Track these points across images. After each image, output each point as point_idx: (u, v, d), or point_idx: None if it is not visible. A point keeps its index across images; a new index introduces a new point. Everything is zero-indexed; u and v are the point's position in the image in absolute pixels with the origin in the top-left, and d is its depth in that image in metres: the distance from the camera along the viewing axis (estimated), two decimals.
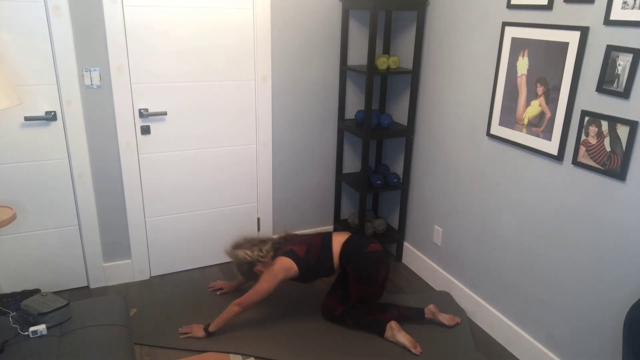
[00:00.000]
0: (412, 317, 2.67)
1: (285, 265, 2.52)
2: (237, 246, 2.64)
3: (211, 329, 2.53)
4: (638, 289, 1.92)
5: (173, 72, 2.83)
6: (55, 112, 2.65)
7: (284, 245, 2.63)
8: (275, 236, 2.74)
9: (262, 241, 2.65)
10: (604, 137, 1.95)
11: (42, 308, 1.90)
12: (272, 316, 2.75)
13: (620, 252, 1.96)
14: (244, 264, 2.59)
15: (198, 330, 2.56)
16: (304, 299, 2.91)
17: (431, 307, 2.69)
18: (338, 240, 2.62)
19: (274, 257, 2.57)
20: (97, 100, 2.72)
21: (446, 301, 2.92)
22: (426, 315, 2.68)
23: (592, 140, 2.00)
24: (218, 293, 2.94)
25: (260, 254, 2.55)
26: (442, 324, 2.67)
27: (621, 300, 1.98)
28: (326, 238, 2.64)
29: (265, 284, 2.49)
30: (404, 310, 2.68)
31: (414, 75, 3.01)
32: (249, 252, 2.56)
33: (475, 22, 2.56)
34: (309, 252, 2.57)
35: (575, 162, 2.09)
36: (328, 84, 3.25)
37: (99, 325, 1.93)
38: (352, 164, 3.51)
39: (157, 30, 2.73)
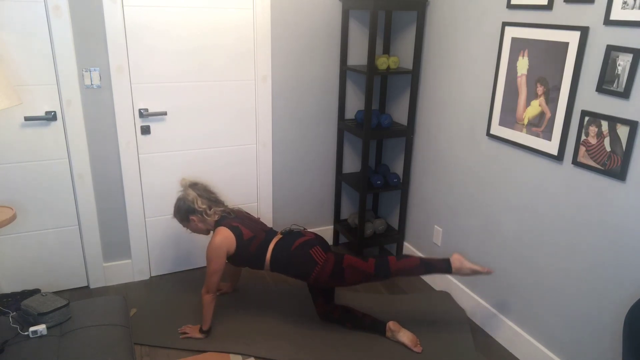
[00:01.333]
0: (438, 267, 2.45)
1: (227, 239, 2.41)
2: (194, 186, 2.54)
3: (204, 327, 2.53)
4: (638, 289, 1.92)
5: (173, 72, 2.83)
6: (55, 112, 2.65)
7: (232, 218, 2.51)
8: (231, 206, 2.63)
9: (218, 202, 2.57)
10: (604, 137, 1.95)
11: (42, 308, 1.90)
12: (272, 316, 2.75)
13: (620, 252, 1.96)
14: (186, 205, 2.49)
15: (195, 331, 2.56)
16: (305, 299, 2.91)
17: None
18: (272, 245, 2.50)
19: (217, 224, 2.48)
20: (97, 100, 2.72)
21: (446, 301, 2.92)
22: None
23: (592, 140, 2.00)
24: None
25: (208, 210, 2.47)
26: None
27: (621, 300, 1.98)
28: (269, 237, 2.53)
29: (214, 263, 2.40)
30: (428, 260, 2.47)
31: (414, 75, 3.01)
32: (199, 201, 2.47)
33: (475, 22, 2.56)
34: (252, 240, 2.47)
35: (575, 162, 2.09)
36: (328, 84, 3.25)
37: (99, 325, 1.93)
38: (352, 164, 3.51)
39: (157, 30, 2.73)
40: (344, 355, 2.46)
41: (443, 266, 2.43)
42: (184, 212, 2.52)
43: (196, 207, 2.47)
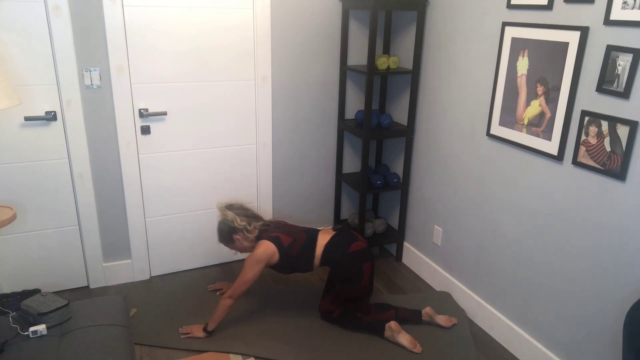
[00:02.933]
0: (409, 319, 2.67)
1: (268, 250, 2.48)
2: (231, 207, 2.61)
3: (209, 327, 2.53)
4: (638, 289, 1.92)
5: (173, 72, 2.83)
6: (55, 112, 2.65)
7: (271, 229, 2.59)
8: (267, 219, 2.71)
9: (256, 217, 2.63)
10: (604, 137, 1.95)
11: (42, 308, 1.90)
12: (272, 316, 2.75)
13: (620, 251, 1.96)
14: (227, 226, 2.55)
15: (198, 331, 2.55)
16: (304, 299, 2.91)
17: (428, 309, 2.68)
18: (322, 241, 2.58)
19: (257, 238, 2.54)
20: (97, 100, 2.72)
21: (446, 301, 2.92)
22: (423, 318, 2.67)
23: (592, 140, 2.00)
24: (218, 294, 2.94)
25: (248, 227, 2.53)
26: (439, 326, 2.67)
27: (621, 300, 1.98)
28: (311, 235, 2.60)
29: (249, 272, 2.46)
30: (402, 312, 2.68)
31: (414, 75, 3.01)
32: (238, 219, 2.53)
33: (475, 22, 2.56)
34: (293, 244, 2.53)
35: (575, 162, 2.09)
36: (328, 84, 3.25)
37: (99, 325, 1.93)
38: (352, 164, 3.51)
39: (157, 30, 2.73)
40: (343, 356, 2.46)
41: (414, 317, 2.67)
42: (227, 233, 2.58)
43: (236, 225, 2.53)
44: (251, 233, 2.55)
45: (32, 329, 1.84)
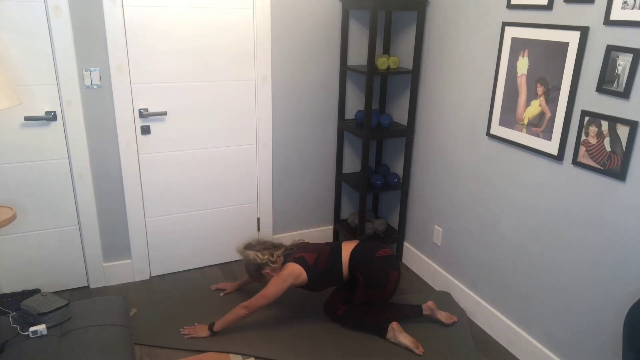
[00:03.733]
0: (410, 315, 2.69)
1: (294, 272, 2.54)
2: (249, 247, 2.67)
3: (216, 328, 2.54)
4: (638, 289, 1.92)
5: (173, 72, 2.83)
6: (55, 112, 2.65)
7: (294, 251, 2.65)
8: (287, 243, 2.76)
9: (275, 246, 2.69)
10: (604, 137, 1.95)
11: (42, 308, 1.90)
12: (273, 316, 2.75)
13: (620, 251, 1.96)
14: (253, 265, 2.62)
15: (202, 330, 2.56)
16: (305, 300, 2.91)
17: (430, 303, 2.71)
18: (347, 248, 2.65)
19: (283, 263, 2.60)
20: (97, 100, 2.72)
21: (446, 301, 2.92)
22: (424, 312, 2.69)
23: (592, 140, 2.00)
24: (221, 294, 2.94)
25: (271, 258, 2.59)
26: (439, 322, 2.68)
27: (621, 300, 1.98)
28: (335, 247, 2.68)
29: (273, 288, 2.51)
30: (402, 308, 2.69)
31: (414, 75, 3.01)
32: (259, 255, 2.59)
33: (475, 22, 2.56)
34: (318, 260, 2.59)
35: (575, 162, 2.09)
36: (328, 84, 3.25)
37: (99, 325, 1.93)
38: (352, 164, 3.51)
39: (157, 30, 2.73)
40: (344, 356, 2.46)
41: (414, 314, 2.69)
42: (255, 271, 2.64)
43: (260, 262, 2.58)
44: (276, 262, 2.59)
45: (32, 329, 1.84)
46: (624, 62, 1.84)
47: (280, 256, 2.62)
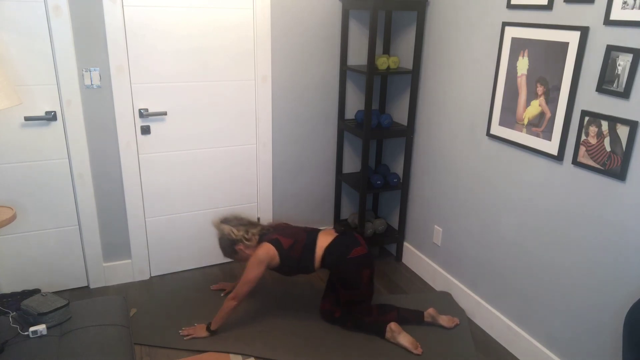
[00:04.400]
0: (411, 320, 2.67)
1: (269, 253, 2.50)
2: (226, 221, 2.63)
3: (213, 327, 2.54)
4: (638, 289, 1.92)
5: (173, 72, 2.83)
6: (55, 112, 2.65)
7: (271, 232, 2.61)
8: (265, 223, 2.71)
9: (252, 223, 2.65)
10: (604, 137, 1.95)
11: (42, 308, 1.90)
12: (273, 316, 2.75)
13: (620, 251, 1.96)
14: (227, 240, 2.57)
15: (201, 331, 2.56)
16: (304, 300, 2.91)
17: (430, 310, 2.69)
18: (323, 242, 2.58)
19: (258, 242, 2.56)
20: (97, 100, 2.72)
21: (446, 301, 2.92)
22: (425, 319, 2.67)
23: (592, 140, 2.00)
24: (222, 294, 2.94)
25: (246, 235, 2.55)
26: (442, 327, 2.67)
27: (621, 300, 1.98)
28: (312, 236, 2.61)
29: (252, 272, 2.48)
30: (404, 312, 2.68)
31: (414, 75, 3.01)
32: (235, 230, 2.55)
33: (475, 22, 2.56)
34: (294, 246, 2.54)
35: (575, 162, 2.09)
36: (328, 84, 3.25)
37: (99, 325, 1.93)
38: (352, 164, 3.51)
39: (157, 30, 2.73)
40: (343, 356, 2.46)
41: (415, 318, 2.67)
42: (229, 247, 2.60)
43: (235, 237, 2.55)
44: (251, 240, 2.56)
45: (32, 329, 1.84)
46: (624, 62, 1.84)
47: (255, 235, 2.57)
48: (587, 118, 2.01)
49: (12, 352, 1.76)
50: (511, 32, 2.33)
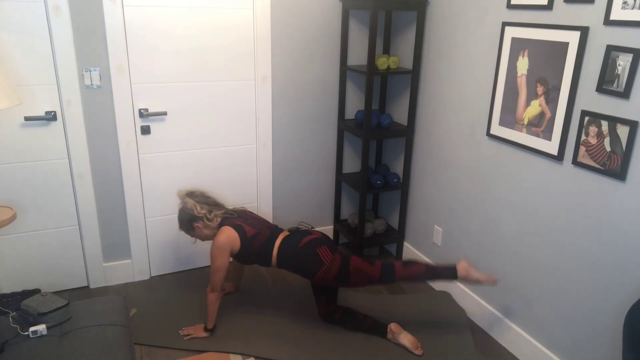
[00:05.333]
0: (443, 275, 2.47)
1: (231, 238, 2.44)
2: (191, 194, 2.57)
3: (208, 326, 2.54)
4: (638, 289, 1.92)
5: (173, 72, 2.83)
6: (55, 112, 2.65)
7: (235, 217, 2.55)
8: (231, 207, 2.66)
9: (217, 205, 2.60)
10: (604, 137, 1.95)
11: (42, 308, 1.90)
12: (272, 316, 2.75)
13: (620, 251, 1.96)
14: (188, 214, 2.52)
15: (199, 331, 2.56)
16: (304, 299, 2.91)
17: (463, 263, 2.45)
18: (278, 241, 2.52)
19: (220, 226, 2.51)
20: (97, 100, 2.72)
21: (446, 301, 2.92)
22: (459, 273, 2.43)
23: (592, 140, 2.00)
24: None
25: (208, 215, 2.50)
26: (478, 282, 2.46)
27: (621, 300, 1.98)
28: (274, 234, 2.54)
29: (218, 260, 2.44)
30: (435, 269, 2.49)
31: (414, 75, 3.01)
32: (198, 207, 2.50)
33: (475, 22, 2.56)
34: (256, 237, 2.49)
35: (575, 162, 2.09)
36: (328, 84, 3.25)
37: (99, 325, 1.93)
38: (352, 164, 3.51)
39: (157, 30, 2.73)
40: (343, 356, 2.46)
41: (449, 274, 2.46)
42: (187, 221, 2.55)
43: (196, 213, 2.50)
44: (212, 221, 2.51)
45: (32, 329, 1.84)
46: (624, 62, 1.84)
47: (218, 217, 2.52)
48: (587, 118, 2.01)
49: (12, 352, 1.76)
50: (511, 32, 2.33)
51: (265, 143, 3.18)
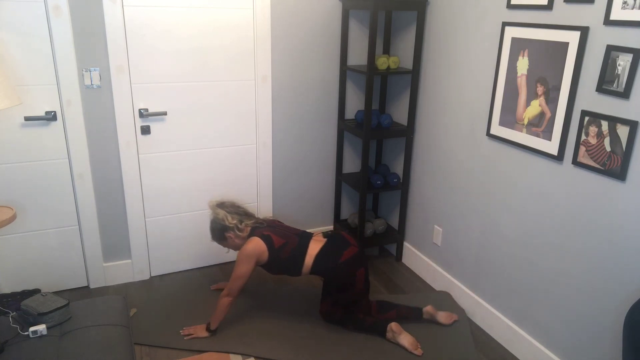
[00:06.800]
0: (410, 317, 2.68)
1: (259, 248, 2.47)
2: (222, 205, 2.61)
3: (212, 326, 2.54)
4: (638, 289, 1.92)
5: (173, 72, 2.83)
6: (55, 112, 2.65)
7: (264, 227, 2.59)
8: (261, 217, 2.70)
9: (247, 214, 2.63)
10: (604, 137, 1.95)
11: (42, 308, 1.90)
12: (272, 316, 2.75)
13: (620, 251, 1.96)
14: (219, 224, 2.56)
15: (201, 330, 2.56)
16: (305, 299, 2.91)
17: (429, 308, 2.69)
18: (312, 250, 2.54)
19: (249, 236, 2.54)
20: (97, 100, 2.72)
21: (446, 301, 2.92)
22: (424, 317, 2.68)
23: (592, 140, 2.00)
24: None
25: (239, 225, 2.53)
26: (440, 324, 2.67)
27: (621, 300, 1.98)
28: (303, 242, 2.57)
29: (242, 267, 2.46)
30: (403, 310, 2.68)
31: (414, 75, 3.01)
32: (229, 217, 2.54)
33: (475, 22, 2.56)
34: (284, 247, 2.52)
35: (575, 162, 2.09)
36: (328, 84, 3.25)
37: (99, 325, 1.93)
38: (352, 164, 3.51)
39: (157, 30, 2.73)
40: (343, 356, 2.46)
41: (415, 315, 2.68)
42: (219, 231, 2.58)
43: (227, 224, 2.53)
44: (243, 231, 2.54)
45: (32, 329, 1.84)
46: (624, 62, 1.84)
47: (248, 226, 2.55)
48: (587, 118, 2.01)
49: (12, 352, 1.76)
50: (511, 32, 2.33)
51: (265, 143, 3.18)
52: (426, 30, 2.94)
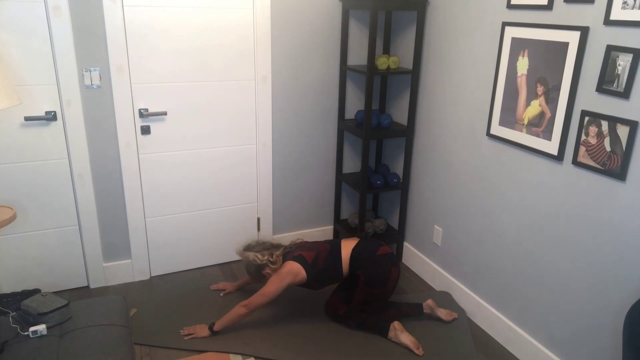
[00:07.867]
0: (410, 314, 2.71)
1: (293, 270, 2.54)
2: (249, 248, 2.68)
3: (216, 328, 2.54)
4: (638, 289, 1.92)
5: (173, 72, 2.83)
6: (55, 112, 2.65)
7: (293, 250, 2.66)
8: (286, 243, 2.77)
9: (274, 246, 2.69)
10: (604, 137, 1.95)
11: (42, 308, 1.90)
12: (273, 316, 2.75)
13: (620, 251, 1.96)
14: (253, 266, 2.62)
15: (202, 330, 2.56)
16: (305, 299, 2.91)
17: (429, 302, 2.73)
18: (347, 246, 2.65)
19: (283, 262, 2.60)
20: (97, 100, 2.72)
21: (446, 301, 2.92)
22: (424, 310, 2.71)
23: (592, 140, 2.00)
24: (221, 294, 2.94)
25: (271, 258, 2.59)
26: (439, 319, 2.70)
27: (621, 300, 1.98)
28: (335, 245, 2.67)
29: (272, 287, 2.51)
30: (403, 307, 2.71)
31: (414, 75, 3.01)
32: (259, 256, 2.59)
33: (475, 22, 2.56)
34: (317, 258, 2.59)
35: (575, 162, 2.09)
36: (328, 84, 3.25)
37: (99, 325, 1.93)
38: (352, 164, 3.51)
39: (157, 30, 2.73)
40: (344, 356, 2.46)
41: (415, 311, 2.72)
42: (255, 271, 2.64)
43: (260, 262, 2.59)
44: (276, 263, 2.60)
45: (32, 329, 1.84)
46: (624, 62, 1.84)
47: (279, 256, 2.62)
48: (587, 118, 2.01)
49: (12, 352, 1.76)
50: (511, 32, 2.33)
51: (265, 143, 3.18)
52: (426, 30, 2.94)
